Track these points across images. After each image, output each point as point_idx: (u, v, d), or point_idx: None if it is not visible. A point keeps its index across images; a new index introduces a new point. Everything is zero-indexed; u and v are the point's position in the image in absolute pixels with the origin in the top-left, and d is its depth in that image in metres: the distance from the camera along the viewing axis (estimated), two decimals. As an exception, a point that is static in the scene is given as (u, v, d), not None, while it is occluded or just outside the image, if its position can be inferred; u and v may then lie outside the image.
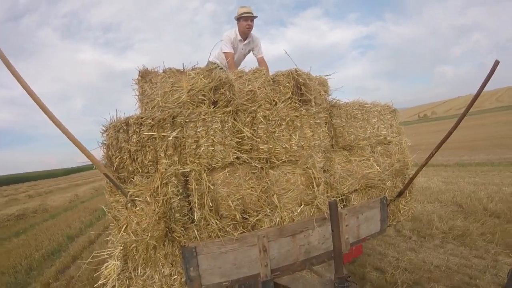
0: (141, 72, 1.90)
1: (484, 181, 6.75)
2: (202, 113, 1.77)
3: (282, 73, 2.13)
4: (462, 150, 12.92)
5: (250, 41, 3.52)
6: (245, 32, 3.40)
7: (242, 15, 3.30)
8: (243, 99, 1.99)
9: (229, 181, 1.81)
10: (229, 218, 1.81)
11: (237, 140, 1.87)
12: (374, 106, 2.50)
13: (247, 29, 3.37)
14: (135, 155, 1.68)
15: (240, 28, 3.38)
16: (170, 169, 1.68)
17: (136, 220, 1.58)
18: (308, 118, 2.08)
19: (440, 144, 2.04)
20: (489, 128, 20.47)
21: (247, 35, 3.46)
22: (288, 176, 1.97)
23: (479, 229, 4.08)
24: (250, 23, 3.36)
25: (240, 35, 3.42)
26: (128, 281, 1.77)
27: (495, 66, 1.72)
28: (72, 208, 11.49)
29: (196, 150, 1.75)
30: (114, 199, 1.71)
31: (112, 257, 1.88)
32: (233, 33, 3.39)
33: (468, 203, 5.16)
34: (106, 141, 1.69)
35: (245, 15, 3.30)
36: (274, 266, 1.87)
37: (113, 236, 1.80)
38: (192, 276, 1.72)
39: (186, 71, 1.89)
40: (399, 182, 2.55)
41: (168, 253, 1.75)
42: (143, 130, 1.66)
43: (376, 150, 2.41)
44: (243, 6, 3.34)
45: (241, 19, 3.34)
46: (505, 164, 8.90)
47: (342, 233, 2.01)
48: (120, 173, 1.70)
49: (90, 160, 1.57)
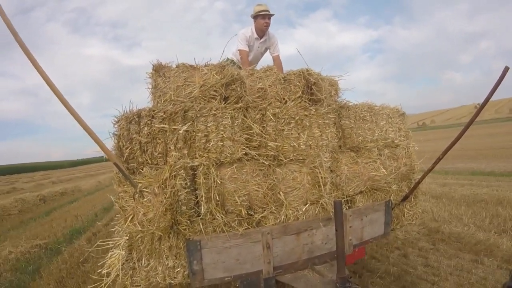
0: (155, 66, 1.92)
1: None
2: (213, 108, 1.78)
3: (293, 72, 2.14)
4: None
5: (267, 39, 3.49)
6: (262, 30, 3.38)
7: (260, 13, 3.28)
8: (254, 96, 2.00)
9: (237, 177, 1.82)
10: (234, 213, 1.82)
11: (246, 137, 1.88)
12: (383, 109, 2.49)
13: (265, 27, 3.35)
14: (145, 147, 1.70)
15: (257, 26, 3.36)
16: (179, 162, 1.70)
17: (143, 211, 1.60)
18: (317, 118, 2.09)
19: (447, 149, 2.04)
20: (471, 140, 19.98)
21: (264, 33, 3.43)
22: (294, 174, 1.98)
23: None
24: (267, 21, 3.33)
25: (257, 33, 3.40)
26: (131, 271, 1.79)
27: (505, 72, 1.71)
28: (100, 190, 14.00)
29: (206, 145, 1.77)
30: (122, 189, 1.73)
31: (117, 247, 1.90)
32: (249, 31, 3.38)
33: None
34: (118, 132, 1.71)
35: (262, 13, 3.27)
36: (277, 264, 1.88)
37: (119, 226, 1.82)
38: (195, 270, 1.74)
39: (199, 67, 1.91)
40: (405, 186, 2.54)
41: (172, 245, 1.76)
42: (154, 123, 1.69)
43: (383, 152, 2.40)
44: (260, 4, 3.32)
45: (259, 17, 3.31)
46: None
47: (346, 234, 2.01)
48: (129, 163, 1.72)
49: (101, 149, 1.58)
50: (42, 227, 6.71)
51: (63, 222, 6.94)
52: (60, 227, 6.50)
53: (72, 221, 6.93)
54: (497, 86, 1.77)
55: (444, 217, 4.68)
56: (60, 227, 6.43)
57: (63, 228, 6.37)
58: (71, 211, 8.46)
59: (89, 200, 10.73)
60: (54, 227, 6.49)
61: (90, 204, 9.51)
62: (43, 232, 6.08)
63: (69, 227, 6.42)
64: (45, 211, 9.13)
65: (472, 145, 16.98)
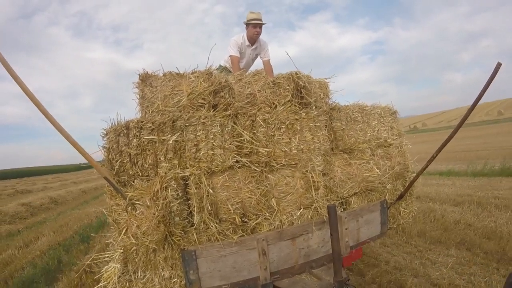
0: (142, 76, 1.90)
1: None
2: (202, 117, 1.77)
3: (282, 76, 2.13)
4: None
5: (258, 46, 3.56)
6: (253, 38, 3.45)
7: (251, 21, 3.34)
8: (243, 102, 1.99)
9: (229, 185, 1.81)
10: (228, 221, 1.81)
11: (236, 144, 1.88)
12: (374, 109, 2.49)
13: (255, 35, 3.42)
14: (135, 159, 1.69)
15: (248, 33, 3.43)
16: (170, 173, 1.69)
17: (136, 224, 1.59)
18: (308, 121, 2.07)
19: (441, 147, 2.04)
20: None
21: (255, 41, 3.50)
22: (287, 179, 1.97)
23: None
24: (258, 30, 3.40)
25: (248, 40, 3.47)
26: (128, 284, 1.78)
27: (497, 68, 1.71)
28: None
29: (196, 154, 1.76)
30: (115, 202, 1.72)
31: (112, 260, 1.89)
32: (241, 38, 3.44)
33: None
34: (107, 145, 1.70)
35: (253, 22, 3.33)
36: (273, 269, 1.87)
37: (114, 239, 1.81)
38: (191, 279, 1.73)
39: (185, 75, 1.90)
40: (400, 185, 2.54)
41: (168, 256, 1.75)
42: (143, 134, 1.67)
43: (376, 153, 2.40)
44: (253, 12, 3.38)
45: (250, 25, 3.38)
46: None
47: (342, 236, 2.01)
48: (120, 176, 1.71)
49: (90, 163, 1.58)
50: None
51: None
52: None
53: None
54: (490, 83, 1.76)
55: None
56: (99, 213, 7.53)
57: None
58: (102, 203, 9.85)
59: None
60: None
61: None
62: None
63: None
64: (85, 200, 13.12)
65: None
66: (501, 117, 58.69)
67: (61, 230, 6.84)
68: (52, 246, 5.49)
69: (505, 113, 63.35)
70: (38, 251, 5.22)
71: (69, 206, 11.41)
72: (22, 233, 7.15)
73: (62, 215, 9.22)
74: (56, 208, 11.10)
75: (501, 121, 47.77)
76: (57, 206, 11.65)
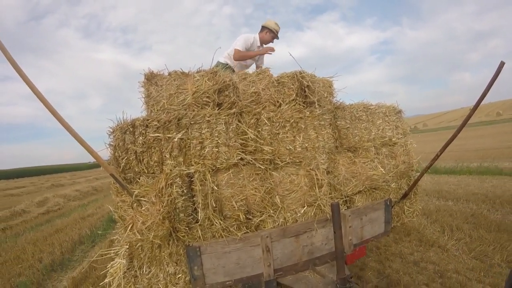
0: (147, 75, 1.93)
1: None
2: (207, 115, 1.79)
3: (286, 75, 2.13)
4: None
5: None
6: (265, 43, 3.64)
7: (272, 31, 3.53)
8: (247, 100, 2.01)
9: (233, 182, 1.83)
10: (233, 218, 1.83)
11: (241, 142, 1.89)
12: (379, 108, 2.48)
13: (268, 42, 3.62)
14: (141, 156, 1.72)
15: (263, 37, 3.60)
16: (175, 170, 1.71)
17: (141, 220, 1.62)
18: (312, 120, 2.08)
19: (445, 146, 2.03)
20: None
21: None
22: (291, 177, 1.98)
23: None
24: (272, 41, 3.63)
25: (260, 42, 3.62)
26: (133, 279, 1.81)
27: (501, 67, 1.70)
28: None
29: (201, 152, 1.78)
30: (121, 199, 1.75)
31: (118, 256, 1.92)
32: (253, 38, 3.54)
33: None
34: (113, 143, 1.72)
35: (274, 31, 3.54)
36: (277, 266, 1.89)
37: (119, 235, 1.84)
38: (196, 275, 1.75)
39: (190, 74, 1.92)
40: (404, 184, 2.53)
41: (172, 252, 1.78)
42: (149, 132, 1.70)
43: (380, 151, 2.39)
44: (277, 24, 3.56)
45: (269, 32, 3.56)
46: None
47: (346, 234, 2.01)
48: (126, 173, 1.74)
49: (97, 161, 1.60)
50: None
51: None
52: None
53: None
54: (493, 81, 1.75)
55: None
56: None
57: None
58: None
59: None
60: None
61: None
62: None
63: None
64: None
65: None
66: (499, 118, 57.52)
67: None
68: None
69: (503, 114, 62.15)
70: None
71: (107, 193, 13.22)
72: (87, 206, 10.64)
73: (108, 197, 11.50)
74: (97, 194, 14.95)
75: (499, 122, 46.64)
76: (98, 192, 15.58)
